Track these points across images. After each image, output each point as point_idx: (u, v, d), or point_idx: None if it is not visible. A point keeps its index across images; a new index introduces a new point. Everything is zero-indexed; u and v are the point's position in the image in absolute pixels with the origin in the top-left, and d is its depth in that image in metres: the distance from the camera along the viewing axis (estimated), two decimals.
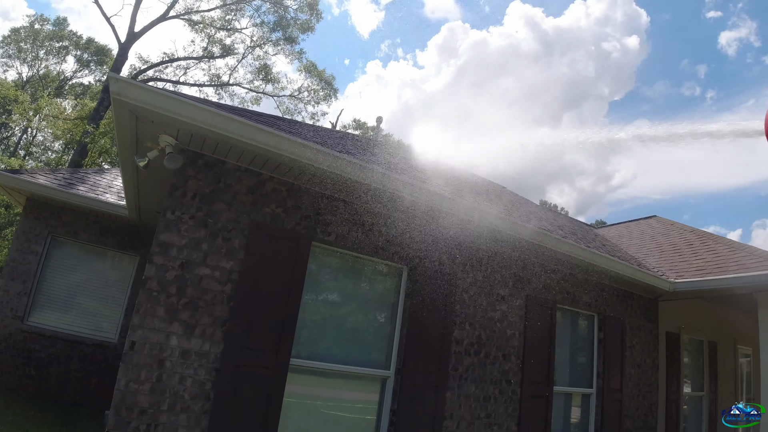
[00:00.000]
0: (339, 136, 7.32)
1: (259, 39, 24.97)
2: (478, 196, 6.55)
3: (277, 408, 4.41)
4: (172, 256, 4.19)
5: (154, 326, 4.04)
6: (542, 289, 6.77)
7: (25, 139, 31.80)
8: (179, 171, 4.35)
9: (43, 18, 33.12)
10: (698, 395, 10.53)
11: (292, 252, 4.65)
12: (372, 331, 5.43)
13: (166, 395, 4.01)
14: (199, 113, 4.00)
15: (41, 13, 39.85)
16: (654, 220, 13.67)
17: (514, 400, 6.16)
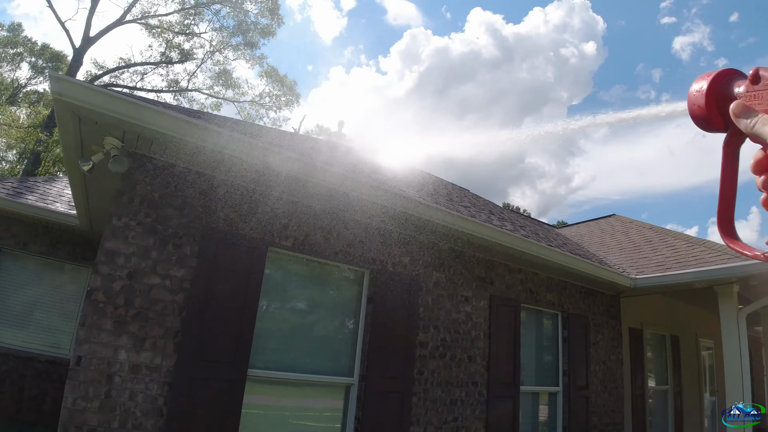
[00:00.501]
0: (297, 139, 7.17)
1: (219, 44, 24.52)
2: (438, 197, 6.49)
3: (236, 421, 4.22)
4: (119, 265, 3.97)
5: (101, 340, 3.82)
6: (506, 289, 6.75)
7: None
8: (126, 175, 4.13)
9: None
10: (663, 389, 10.70)
11: (247, 258, 4.48)
12: (334, 337, 5.28)
13: (116, 412, 3.78)
14: (145, 113, 3.80)
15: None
16: (613, 219, 13.90)
17: (481, 402, 6.09)
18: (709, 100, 0.68)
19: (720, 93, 0.68)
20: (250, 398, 4.42)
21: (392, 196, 5.03)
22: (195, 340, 4.10)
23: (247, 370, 4.33)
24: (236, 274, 4.40)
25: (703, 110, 0.69)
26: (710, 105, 0.68)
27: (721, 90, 0.68)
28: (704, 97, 0.68)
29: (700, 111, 0.69)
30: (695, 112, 0.70)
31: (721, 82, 0.68)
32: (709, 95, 0.68)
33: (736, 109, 0.65)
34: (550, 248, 6.77)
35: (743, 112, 0.64)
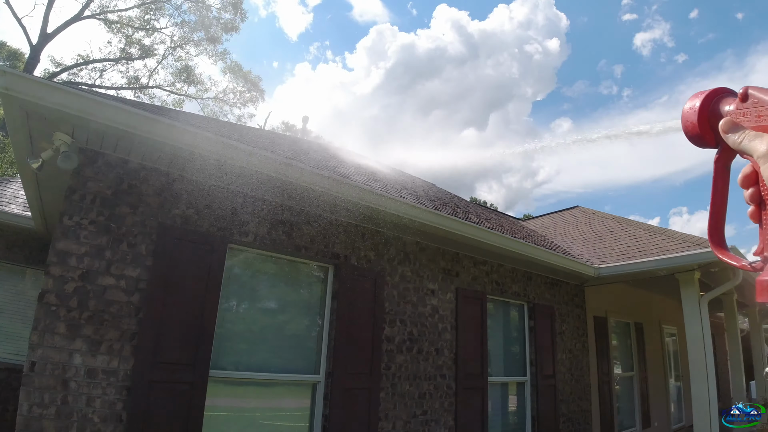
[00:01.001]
0: (257, 134, 7.05)
1: (180, 39, 23.94)
2: (404, 191, 6.46)
3: (199, 424, 4.10)
4: (72, 266, 3.81)
5: (55, 344, 3.66)
6: (472, 281, 6.76)
7: None
8: (77, 172, 3.96)
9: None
10: (629, 375, 10.92)
11: (206, 256, 4.36)
12: (299, 335, 5.19)
13: (73, 419, 3.64)
14: (93, 106, 3.64)
15: None
16: (577, 210, 14.13)
17: (449, 394, 6.10)
18: (701, 118, 0.72)
19: (712, 110, 0.72)
20: (213, 400, 4.32)
21: (356, 190, 4.97)
22: (153, 342, 3.97)
23: (209, 371, 4.22)
24: (195, 273, 4.27)
25: (695, 127, 0.73)
26: (702, 122, 0.72)
27: (712, 108, 0.72)
28: (697, 115, 0.72)
29: (693, 128, 0.73)
30: (688, 129, 0.74)
31: (713, 100, 0.72)
32: (701, 113, 0.72)
33: (724, 126, 0.68)
34: (514, 239, 6.82)
35: (731, 128, 0.67)
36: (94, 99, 3.71)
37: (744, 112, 0.66)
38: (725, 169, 0.75)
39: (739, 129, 0.66)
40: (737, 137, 0.65)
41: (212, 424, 4.33)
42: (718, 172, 0.75)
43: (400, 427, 5.49)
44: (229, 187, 4.63)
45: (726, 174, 0.75)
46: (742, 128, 0.65)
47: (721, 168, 0.74)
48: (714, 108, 0.71)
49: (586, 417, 8.53)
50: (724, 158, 0.74)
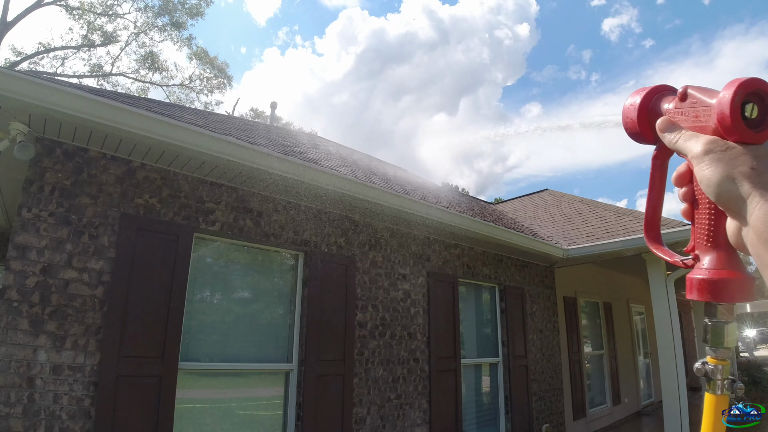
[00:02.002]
0: (221, 119, 6.93)
1: (144, 25, 23.27)
2: (373, 177, 6.43)
3: (170, 417, 4.04)
4: (32, 260, 3.69)
5: (18, 341, 3.55)
6: (443, 265, 6.80)
7: None
8: (34, 162, 3.82)
9: None
10: (599, 353, 11.16)
11: (171, 246, 4.27)
12: (270, 323, 5.14)
13: (41, 416, 3.54)
14: (50, 94, 3.49)
15: None
16: (546, 193, 14.31)
17: (423, 377, 6.14)
18: (641, 115, 0.72)
19: (651, 108, 0.72)
20: (185, 392, 4.26)
21: (324, 176, 4.92)
22: (119, 336, 3.88)
23: (178, 363, 4.15)
24: (160, 263, 4.18)
25: (635, 124, 0.73)
26: (642, 119, 0.72)
27: (652, 105, 0.72)
28: (636, 112, 0.72)
29: (633, 125, 0.74)
30: (628, 126, 0.75)
31: (654, 97, 0.72)
32: (641, 110, 0.72)
33: (661, 125, 0.68)
34: (485, 223, 6.86)
35: (668, 127, 0.67)
36: (50, 86, 3.57)
37: (682, 111, 0.66)
38: (663, 166, 0.75)
39: (675, 128, 0.66)
40: (673, 137, 0.66)
41: (185, 417, 4.27)
42: (656, 169, 0.76)
43: (374, 412, 5.51)
44: (194, 175, 4.54)
45: (663, 171, 0.76)
46: (678, 128, 0.66)
47: (659, 165, 0.75)
48: (654, 105, 0.71)
49: (557, 395, 8.70)
50: (662, 155, 0.74)
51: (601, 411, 10.52)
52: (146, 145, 4.01)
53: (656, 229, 0.79)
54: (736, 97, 0.57)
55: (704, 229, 0.65)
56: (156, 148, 4.08)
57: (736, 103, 0.57)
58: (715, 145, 0.59)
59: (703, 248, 0.65)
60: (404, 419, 5.81)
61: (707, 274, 0.63)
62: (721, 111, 0.58)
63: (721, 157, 0.58)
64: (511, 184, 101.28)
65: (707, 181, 0.59)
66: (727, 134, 0.59)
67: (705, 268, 0.63)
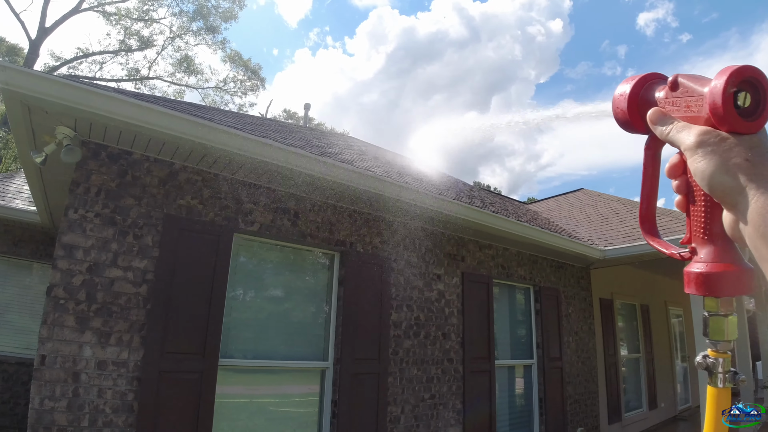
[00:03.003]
0: (258, 121, 7.03)
1: (179, 29, 23.85)
2: (406, 176, 6.44)
3: (209, 413, 4.15)
4: (78, 259, 3.82)
5: (65, 337, 3.69)
6: (477, 266, 6.77)
7: None
8: (80, 165, 3.97)
9: None
10: (635, 357, 10.95)
11: (212, 246, 4.37)
12: (306, 322, 5.22)
13: (85, 410, 3.67)
14: (95, 99, 3.63)
15: None
16: (581, 193, 14.09)
17: (457, 378, 6.13)
18: (631, 105, 0.70)
19: (642, 97, 0.70)
20: (224, 388, 4.36)
21: (359, 176, 4.96)
22: (162, 333, 4.00)
23: (218, 360, 4.25)
24: (201, 263, 4.29)
25: (625, 114, 0.71)
26: (632, 109, 0.70)
27: (643, 94, 0.70)
28: (626, 102, 0.70)
29: (623, 114, 0.72)
30: (618, 116, 0.73)
31: (644, 86, 0.70)
32: (631, 100, 0.70)
33: (652, 117, 0.66)
34: (519, 223, 6.81)
35: (659, 119, 0.65)
36: (95, 91, 3.70)
37: (673, 101, 0.64)
38: (655, 156, 0.74)
39: (667, 119, 0.64)
40: (665, 128, 0.64)
41: (223, 412, 4.37)
42: (648, 160, 0.74)
43: (408, 411, 5.53)
44: (233, 177, 4.63)
45: (656, 162, 0.74)
46: (670, 118, 0.64)
47: (652, 156, 0.74)
48: (645, 95, 0.70)
49: (592, 399, 8.57)
50: (654, 146, 0.73)
51: (636, 415, 10.33)
52: (187, 147, 4.12)
53: (652, 221, 0.78)
54: (728, 86, 0.56)
55: (700, 221, 0.64)
56: (197, 151, 4.19)
57: (728, 93, 0.56)
58: (709, 137, 0.58)
59: (700, 241, 0.64)
60: (438, 419, 5.82)
61: (705, 267, 0.62)
62: (713, 101, 0.57)
63: (714, 148, 0.57)
64: (544, 182, 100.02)
65: (701, 174, 0.58)
66: (719, 124, 0.58)
67: (702, 261, 0.63)
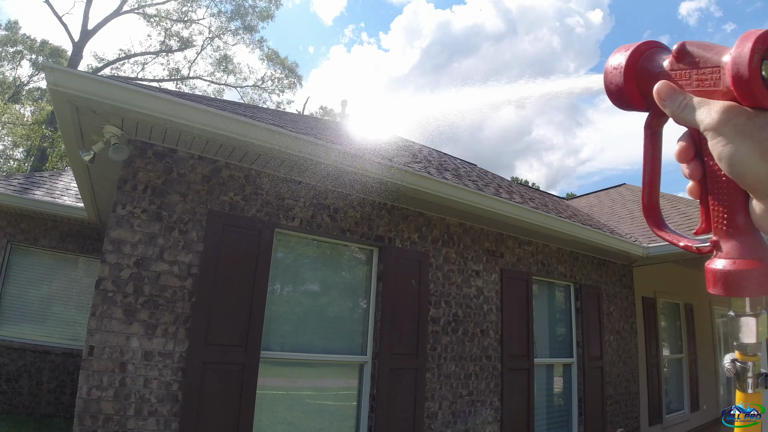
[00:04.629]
0: (296, 119, 7.10)
1: (218, 29, 24.36)
2: (445, 172, 6.42)
3: (251, 404, 4.23)
4: (126, 254, 3.95)
5: (112, 329, 3.82)
6: (516, 262, 6.70)
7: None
8: (128, 163, 4.10)
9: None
10: (677, 357, 10.66)
11: (254, 240, 4.45)
12: (345, 316, 5.27)
13: (131, 400, 3.80)
14: (142, 99, 3.74)
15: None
16: (624, 188, 13.75)
17: (495, 375, 6.09)
18: (628, 78, 0.61)
19: (640, 69, 0.61)
20: (264, 380, 4.44)
21: (399, 173, 4.96)
22: (206, 325, 4.10)
23: (260, 352, 4.34)
24: (244, 257, 4.38)
25: (621, 89, 0.62)
26: (629, 83, 0.61)
27: (641, 66, 0.61)
28: (623, 75, 0.61)
29: (618, 90, 0.62)
30: (612, 90, 0.63)
31: (642, 56, 0.61)
32: (627, 73, 0.61)
33: (662, 92, 0.57)
34: (559, 219, 6.70)
35: (669, 93, 0.56)
36: (141, 90, 3.80)
37: (680, 73, 0.56)
38: (657, 135, 0.65)
39: (679, 94, 0.56)
40: (677, 105, 0.56)
41: (263, 403, 4.45)
42: (648, 139, 0.65)
43: (446, 407, 5.52)
44: (274, 173, 4.69)
45: (658, 141, 0.65)
46: (682, 94, 0.55)
47: (653, 135, 0.65)
48: (644, 66, 0.60)
49: (633, 399, 8.39)
50: (656, 124, 0.64)
51: (678, 417, 10.05)
52: (230, 145, 4.20)
53: (656, 210, 0.69)
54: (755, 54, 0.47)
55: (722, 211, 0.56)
56: (239, 148, 4.27)
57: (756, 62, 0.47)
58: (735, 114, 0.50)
59: (723, 234, 0.57)
60: (475, 416, 5.79)
61: (732, 265, 0.55)
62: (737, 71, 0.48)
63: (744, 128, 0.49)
64: (584, 177, 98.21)
65: (728, 159, 0.50)
66: (743, 99, 0.49)
67: (728, 257, 0.56)
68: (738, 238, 0.55)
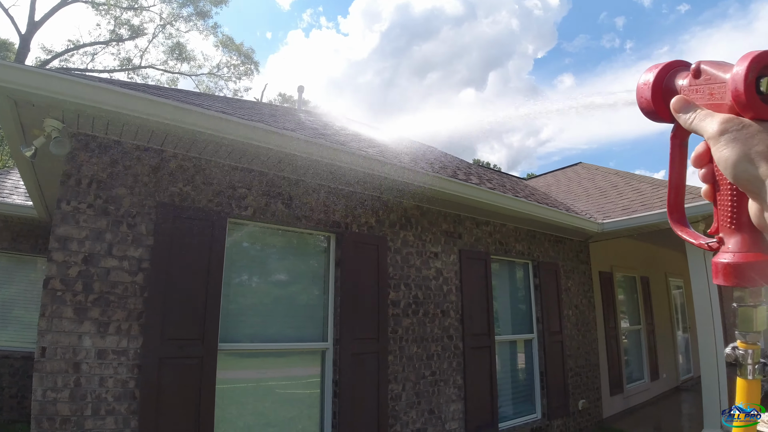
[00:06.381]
0: (249, 106, 7.00)
1: (169, 16, 23.60)
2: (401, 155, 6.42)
3: (211, 397, 4.19)
4: (73, 251, 3.83)
5: (63, 328, 3.71)
6: (475, 242, 6.78)
7: None
8: (71, 157, 3.96)
9: None
10: (636, 329, 11.01)
11: (206, 231, 4.38)
12: (304, 304, 5.25)
13: (87, 400, 3.72)
14: (80, 89, 3.59)
15: None
16: (580, 167, 14.03)
17: (457, 354, 6.18)
18: (655, 94, 0.69)
19: (666, 86, 0.69)
20: (225, 373, 4.40)
21: (353, 157, 4.95)
22: (160, 320, 4.02)
23: (218, 344, 4.29)
24: (196, 249, 4.30)
25: (649, 103, 0.70)
26: (656, 98, 0.69)
27: (666, 82, 0.69)
28: (650, 91, 0.70)
29: (647, 104, 0.71)
30: (643, 105, 0.72)
31: (668, 74, 0.70)
32: (655, 88, 0.69)
33: (675, 105, 0.66)
34: (516, 198, 6.80)
35: (683, 107, 0.65)
36: (79, 81, 3.67)
37: (696, 89, 0.64)
38: (682, 145, 0.73)
39: (690, 107, 0.64)
40: (688, 116, 0.64)
41: (226, 396, 4.42)
42: (675, 149, 0.73)
43: (409, 389, 5.58)
44: (225, 162, 4.62)
45: (684, 150, 0.73)
46: (693, 106, 0.63)
47: (678, 144, 0.73)
48: (668, 83, 0.69)
49: (593, 371, 8.64)
50: (681, 135, 0.72)
51: (638, 386, 10.41)
52: (177, 135, 4.10)
53: (680, 210, 0.77)
54: (750, 72, 0.55)
55: (727, 210, 0.63)
56: (186, 138, 4.17)
57: (750, 79, 0.55)
58: (731, 124, 0.57)
59: (727, 231, 0.63)
60: (439, 395, 5.88)
61: (733, 257, 0.61)
62: (734, 87, 0.56)
63: (737, 136, 0.56)
64: (544, 158, 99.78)
65: (724, 162, 0.57)
66: (742, 111, 0.57)
67: (730, 251, 0.62)
68: (740, 234, 0.62)
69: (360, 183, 5.35)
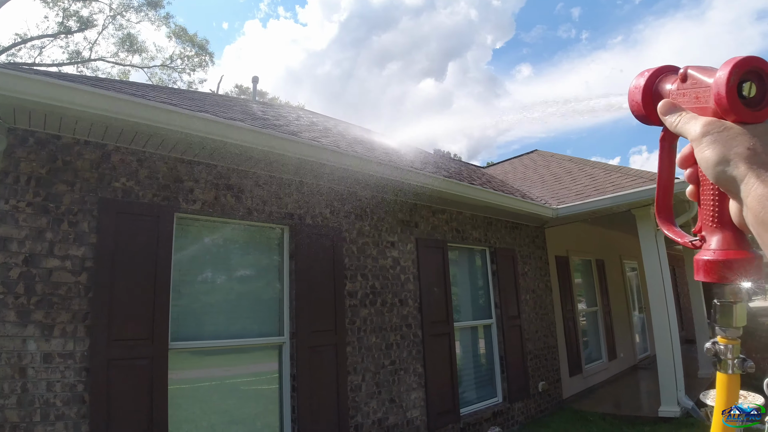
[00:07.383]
0: (198, 97, 6.83)
1: (120, 6, 22.77)
2: (355, 145, 6.39)
3: (164, 398, 4.08)
4: (14, 252, 3.67)
5: (7, 332, 3.56)
6: (432, 231, 6.82)
7: None
8: (8, 153, 3.77)
9: None
10: (593, 310, 11.29)
11: (152, 227, 4.25)
12: (259, 298, 5.17)
13: (35, 405, 3.58)
14: (12, 82, 3.40)
15: None
16: (535, 154, 14.27)
17: (416, 342, 6.21)
18: (645, 97, 0.71)
19: (655, 90, 0.71)
20: (178, 373, 4.30)
21: (305, 147, 4.89)
22: (106, 320, 3.89)
23: (169, 343, 4.18)
24: (142, 246, 4.17)
25: (640, 107, 0.72)
26: (647, 102, 0.71)
27: (656, 87, 0.71)
28: (641, 94, 0.72)
29: (638, 108, 0.73)
30: (634, 109, 0.74)
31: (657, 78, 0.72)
32: (645, 92, 0.71)
33: (662, 108, 0.68)
34: (471, 186, 6.86)
35: (669, 110, 0.67)
36: (11, 73, 3.49)
37: (683, 93, 0.65)
38: (671, 147, 0.75)
39: (676, 110, 0.66)
40: (674, 119, 0.65)
41: (180, 396, 4.33)
42: (664, 151, 0.75)
43: (369, 379, 5.58)
44: (170, 155, 4.49)
45: (672, 153, 0.75)
46: (679, 109, 0.65)
47: (667, 147, 0.74)
48: (658, 87, 0.71)
49: (552, 353, 8.84)
50: (669, 137, 0.73)
51: (597, 366, 10.70)
52: (118, 127, 3.96)
53: (668, 210, 0.79)
54: (732, 77, 0.57)
55: (709, 210, 0.65)
56: (128, 130, 4.03)
57: (732, 83, 0.57)
58: (713, 127, 0.59)
59: (709, 229, 0.65)
60: (400, 384, 5.90)
61: (713, 254, 0.63)
62: (717, 91, 0.58)
63: (717, 138, 0.58)
64: (504, 147, 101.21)
65: (705, 163, 0.59)
66: (725, 114, 0.59)
67: (711, 248, 0.64)
68: (721, 233, 0.64)
69: (313, 174, 5.29)
